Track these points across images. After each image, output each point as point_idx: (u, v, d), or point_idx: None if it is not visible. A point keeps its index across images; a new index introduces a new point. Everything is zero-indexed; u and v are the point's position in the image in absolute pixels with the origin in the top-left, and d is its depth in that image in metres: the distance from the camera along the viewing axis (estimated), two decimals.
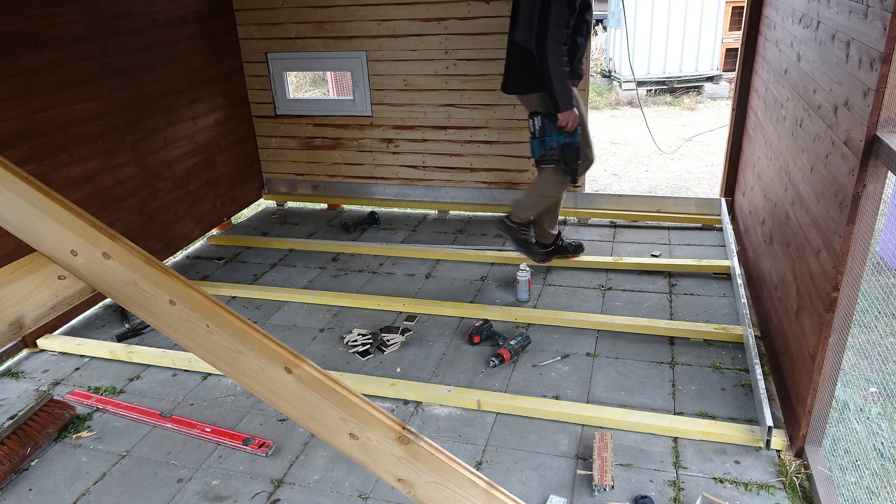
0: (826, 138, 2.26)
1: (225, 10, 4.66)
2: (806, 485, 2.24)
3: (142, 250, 1.41)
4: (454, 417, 2.70)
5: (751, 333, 2.92)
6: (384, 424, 1.46)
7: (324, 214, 5.08)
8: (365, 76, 4.69)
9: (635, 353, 3.05)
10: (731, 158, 4.37)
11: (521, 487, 2.32)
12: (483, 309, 3.44)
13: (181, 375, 3.07)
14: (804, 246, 2.42)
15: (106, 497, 2.37)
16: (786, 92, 2.98)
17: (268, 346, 1.41)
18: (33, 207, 1.33)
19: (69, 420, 2.74)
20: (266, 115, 5.02)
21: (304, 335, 3.37)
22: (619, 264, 3.88)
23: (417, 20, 4.43)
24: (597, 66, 11.67)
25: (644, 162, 6.95)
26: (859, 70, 1.93)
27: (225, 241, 4.58)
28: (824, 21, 2.38)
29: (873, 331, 2.72)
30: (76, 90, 3.44)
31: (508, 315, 3.38)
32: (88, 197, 3.56)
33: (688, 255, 4.02)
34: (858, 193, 1.91)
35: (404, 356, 3.13)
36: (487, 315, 3.38)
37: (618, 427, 2.57)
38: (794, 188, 2.66)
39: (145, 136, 3.94)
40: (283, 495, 2.34)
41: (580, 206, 4.62)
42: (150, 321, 1.44)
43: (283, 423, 2.70)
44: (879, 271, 2.99)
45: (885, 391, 2.91)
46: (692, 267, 3.78)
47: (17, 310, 1.36)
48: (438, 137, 4.74)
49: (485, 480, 1.55)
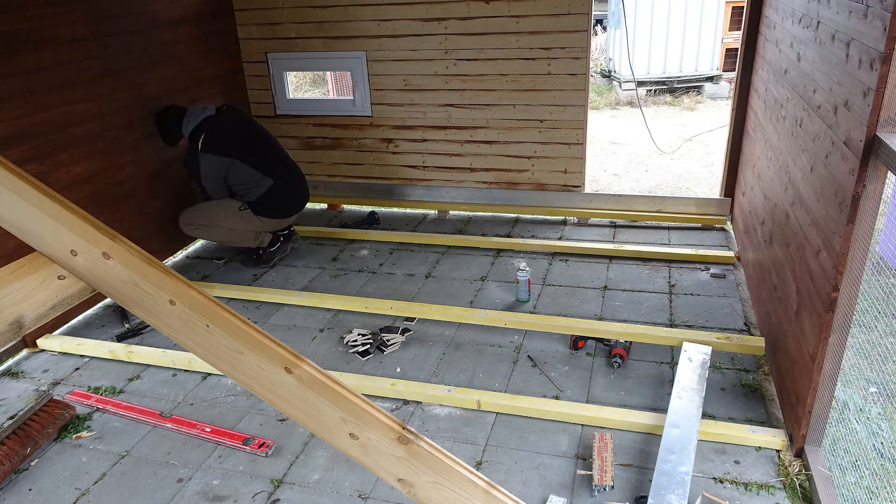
0: (826, 138, 2.26)
1: (225, 10, 4.66)
2: (806, 485, 2.24)
3: (142, 250, 1.41)
4: (454, 417, 2.70)
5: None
6: (384, 424, 1.46)
7: (324, 214, 5.08)
8: (365, 76, 4.69)
9: (635, 353, 3.05)
10: (731, 158, 4.37)
11: (521, 487, 2.32)
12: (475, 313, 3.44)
13: (181, 375, 3.07)
14: (804, 246, 2.42)
15: (106, 497, 2.37)
16: (786, 92, 2.98)
17: (268, 346, 1.41)
18: (33, 207, 1.33)
19: (69, 420, 2.74)
20: (266, 115, 5.02)
21: (304, 335, 3.37)
22: (619, 251, 3.96)
23: (417, 20, 4.43)
24: (597, 67, 11.66)
25: (644, 162, 6.95)
26: (859, 70, 1.93)
27: None
28: (824, 21, 2.38)
29: (873, 331, 2.71)
30: (76, 90, 3.44)
31: (497, 321, 3.31)
32: (88, 197, 3.56)
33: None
34: (858, 193, 1.91)
35: (404, 356, 3.13)
36: (484, 319, 3.38)
37: (618, 427, 2.57)
38: (794, 188, 2.66)
39: (145, 136, 3.94)
40: (283, 495, 2.34)
41: (580, 206, 4.63)
42: (150, 321, 1.44)
43: (283, 423, 2.70)
44: (879, 271, 2.99)
45: (885, 391, 2.91)
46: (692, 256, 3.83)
47: (17, 310, 1.36)
48: (438, 137, 4.74)
49: (485, 480, 1.55)
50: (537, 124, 4.51)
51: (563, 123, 4.46)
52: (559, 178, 4.64)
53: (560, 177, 4.63)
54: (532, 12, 4.22)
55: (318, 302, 3.62)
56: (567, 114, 4.43)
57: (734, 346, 2.96)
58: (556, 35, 4.24)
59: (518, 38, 4.31)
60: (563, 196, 4.64)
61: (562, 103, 4.41)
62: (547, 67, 4.33)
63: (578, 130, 4.46)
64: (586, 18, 4.16)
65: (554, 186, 4.67)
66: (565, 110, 4.42)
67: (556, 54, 4.29)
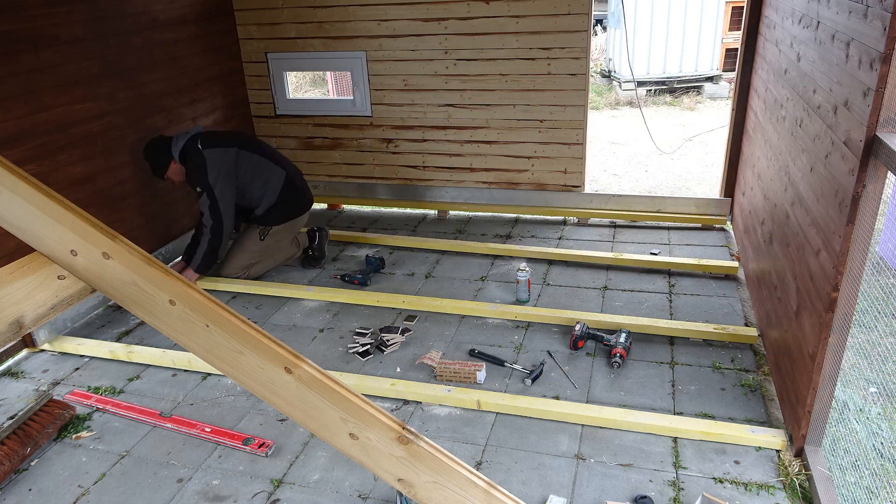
0: (826, 138, 2.26)
1: (225, 10, 4.66)
2: (806, 485, 2.24)
3: (142, 250, 1.41)
4: (454, 417, 2.70)
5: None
6: (384, 424, 1.46)
7: (324, 214, 5.08)
8: (365, 76, 4.69)
9: (635, 353, 3.05)
10: (730, 158, 4.37)
11: (521, 487, 2.32)
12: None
13: (181, 375, 3.07)
14: (804, 246, 2.42)
15: (106, 497, 2.37)
16: (785, 92, 2.98)
17: (268, 346, 1.41)
18: (33, 207, 1.33)
19: (69, 420, 2.74)
20: (266, 115, 5.02)
21: (304, 335, 3.37)
22: (619, 260, 3.89)
23: (417, 20, 4.43)
24: (596, 67, 11.66)
25: (644, 162, 6.95)
26: (859, 70, 1.93)
27: None
28: (824, 21, 2.38)
29: (873, 331, 2.71)
30: (76, 90, 3.44)
31: (508, 314, 3.38)
32: (88, 197, 3.56)
33: (688, 254, 4.02)
34: (858, 193, 1.91)
35: (404, 356, 3.13)
36: (488, 312, 3.39)
37: (618, 427, 2.57)
38: (794, 188, 2.67)
39: (145, 136, 3.93)
40: (283, 495, 2.34)
41: (580, 206, 4.63)
42: (150, 321, 1.44)
43: (283, 423, 2.70)
44: (879, 271, 2.99)
45: (884, 391, 2.91)
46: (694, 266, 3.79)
47: (16, 310, 1.36)
48: (438, 137, 4.74)
49: (485, 480, 1.55)
50: (537, 124, 4.51)
51: (563, 123, 4.47)
52: (559, 178, 4.64)
53: (560, 177, 4.63)
54: (532, 12, 4.22)
55: (328, 296, 3.66)
56: (567, 114, 4.43)
57: (728, 335, 3.08)
58: (556, 35, 4.24)
59: (518, 38, 4.31)
60: (563, 196, 4.64)
61: (562, 103, 4.41)
62: (547, 67, 4.33)
63: (578, 130, 4.46)
64: (586, 18, 4.16)
65: (554, 186, 4.67)
66: (565, 110, 4.43)
67: (556, 54, 4.29)
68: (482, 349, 3.13)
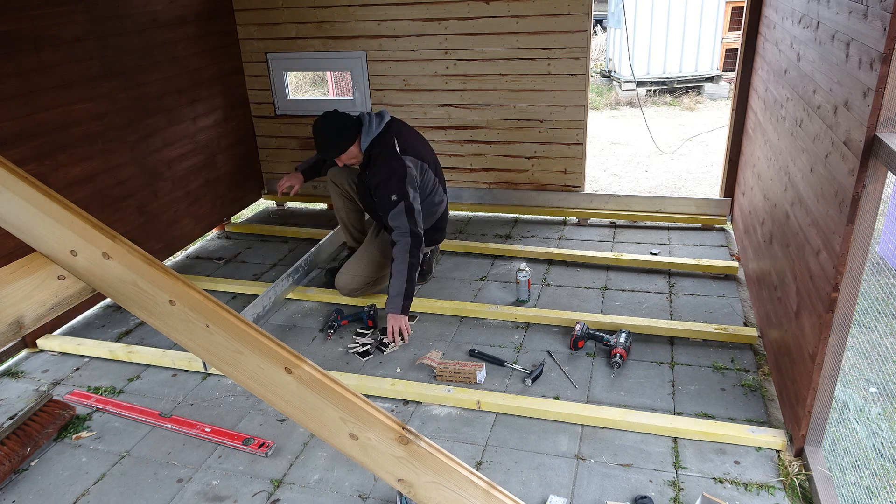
0: (826, 138, 2.26)
1: (225, 10, 4.66)
2: (806, 485, 2.24)
3: (142, 250, 1.41)
4: (454, 417, 2.70)
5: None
6: (384, 424, 1.46)
7: (324, 214, 5.08)
8: (365, 76, 4.69)
9: (635, 353, 3.05)
10: (730, 159, 4.37)
11: (521, 487, 2.32)
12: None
13: (181, 375, 3.07)
14: (804, 246, 2.42)
15: (106, 497, 2.37)
16: (785, 92, 2.98)
17: (268, 347, 1.41)
18: (33, 207, 1.33)
19: (69, 420, 2.74)
20: (266, 115, 5.02)
21: (304, 335, 3.37)
22: (619, 260, 3.88)
23: (417, 20, 4.43)
24: (597, 66, 11.67)
25: (644, 162, 6.95)
26: (859, 70, 1.93)
27: (242, 228, 4.79)
28: (824, 21, 2.38)
29: (873, 331, 2.71)
30: (76, 90, 3.44)
31: (507, 314, 3.38)
32: (88, 197, 3.56)
33: (688, 255, 4.02)
34: (858, 194, 1.91)
35: (404, 356, 3.13)
36: (488, 313, 3.39)
37: (618, 427, 2.57)
38: (794, 188, 2.67)
39: (145, 136, 3.94)
40: (283, 495, 2.34)
41: (580, 206, 4.63)
42: (150, 321, 1.44)
43: (283, 423, 2.70)
44: (879, 271, 2.99)
45: (884, 391, 2.91)
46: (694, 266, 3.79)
47: (16, 310, 1.36)
48: (438, 137, 4.74)
49: (485, 480, 1.55)
50: (537, 124, 4.51)
51: (563, 123, 4.47)
52: (559, 178, 4.64)
53: (560, 177, 4.63)
54: (532, 12, 4.22)
55: (328, 297, 3.65)
56: (567, 114, 4.43)
57: (728, 335, 3.09)
58: (556, 35, 4.24)
59: (518, 39, 4.31)
60: (563, 196, 4.64)
61: (562, 103, 4.41)
62: (547, 67, 4.33)
63: (578, 130, 4.46)
64: (586, 18, 4.17)
65: (554, 186, 4.67)
66: (565, 110, 4.43)
67: (556, 54, 4.29)
68: (482, 349, 3.14)
